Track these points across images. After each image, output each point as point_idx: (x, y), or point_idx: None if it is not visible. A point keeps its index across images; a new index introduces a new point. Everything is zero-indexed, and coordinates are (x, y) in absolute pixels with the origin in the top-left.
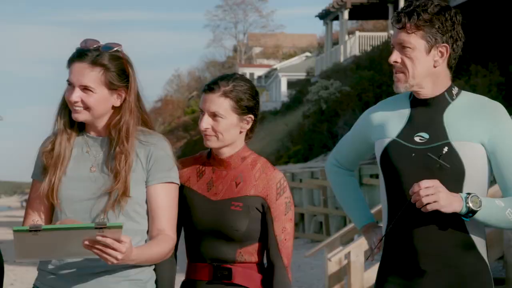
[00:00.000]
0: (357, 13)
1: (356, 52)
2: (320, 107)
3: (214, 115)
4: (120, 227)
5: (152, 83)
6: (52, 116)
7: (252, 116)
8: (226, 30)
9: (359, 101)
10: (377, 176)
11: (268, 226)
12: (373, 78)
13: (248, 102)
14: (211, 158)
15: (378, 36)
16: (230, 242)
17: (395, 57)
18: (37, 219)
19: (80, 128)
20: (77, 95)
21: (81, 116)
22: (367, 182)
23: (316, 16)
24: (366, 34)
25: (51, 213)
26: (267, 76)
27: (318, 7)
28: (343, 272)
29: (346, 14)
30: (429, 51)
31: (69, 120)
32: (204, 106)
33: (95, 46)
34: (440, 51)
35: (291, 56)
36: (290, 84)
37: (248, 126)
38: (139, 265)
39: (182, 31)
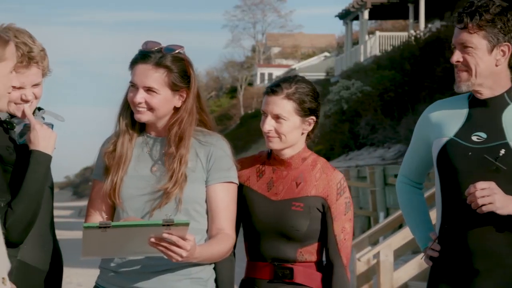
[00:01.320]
0: (377, 13)
1: (377, 52)
2: (341, 107)
3: (277, 117)
4: (187, 224)
5: None
6: (75, 116)
7: (314, 117)
8: (245, 30)
9: (380, 101)
10: None
11: (328, 225)
12: (394, 78)
13: (311, 104)
14: (272, 158)
15: (398, 36)
16: (290, 241)
17: (457, 56)
18: (99, 219)
19: (141, 128)
20: (141, 96)
21: (145, 116)
22: (393, 182)
23: (336, 16)
24: (386, 34)
25: (112, 212)
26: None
27: (337, 7)
28: (372, 272)
29: (366, 14)
30: (491, 51)
31: (131, 121)
32: (267, 108)
33: (157, 48)
34: (502, 50)
35: (309, 56)
36: None
37: (310, 128)
38: (200, 264)
39: (201, 31)
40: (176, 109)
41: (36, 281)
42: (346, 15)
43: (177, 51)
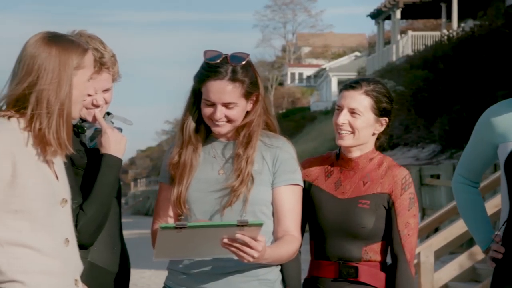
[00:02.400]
0: (409, 12)
1: (409, 51)
2: None
3: (352, 112)
4: (260, 225)
5: None
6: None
7: (387, 119)
8: (275, 30)
9: (413, 101)
10: (438, 177)
11: (392, 221)
12: (427, 77)
13: (386, 105)
14: (340, 158)
15: (431, 35)
16: (356, 240)
17: None
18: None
19: (206, 132)
20: (221, 113)
21: (224, 129)
22: (429, 182)
23: (367, 15)
24: (418, 33)
25: (179, 215)
26: (316, 76)
27: (368, 7)
28: None
29: (398, 13)
30: None
31: (195, 130)
32: (344, 102)
33: (221, 59)
34: None
35: (339, 55)
36: (340, 84)
37: (382, 129)
38: (267, 265)
39: (231, 31)
40: (247, 113)
41: (106, 282)
42: (378, 15)
43: (246, 60)
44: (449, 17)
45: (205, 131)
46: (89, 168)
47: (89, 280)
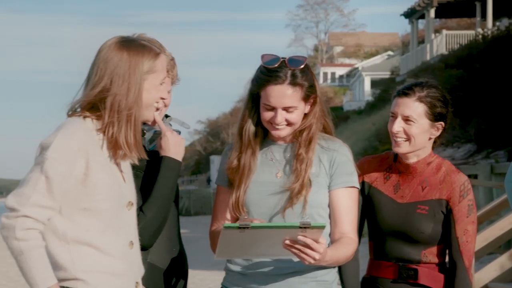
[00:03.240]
0: (443, 11)
1: (443, 50)
2: None
3: (406, 119)
4: (322, 227)
5: (234, 83)
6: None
7: (442, 123)
8: (307, 29)
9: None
10: (475, 176)
11: (451, 227)
12: (462, 76)
13: (441, 109)
14: (397, 161)
15: (465, 34)
16: (415, 243)
17: None
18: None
19: (263, 135)
20: (282, 117)
21: (284, 132)
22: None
23: (401, 15)
24: (453, 32)
25: (237, 218)
26: (348, 75)
27: (401, 6)
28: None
29: (432, 12)
30: None
31: (254, 134)
32: (398, 109)
33: (279, 62)
34: None
35: (372, 55)
36: (374, 83)
37: (438, 133)
38: (325, 267)
39: (263, 31)
40: (304, 115)
41: (164, 283)
42: (412, 14)
43: (304, 64)
44: (483, 15)
45: (262, 135)
46: (148, 170)
47: (149, 281)
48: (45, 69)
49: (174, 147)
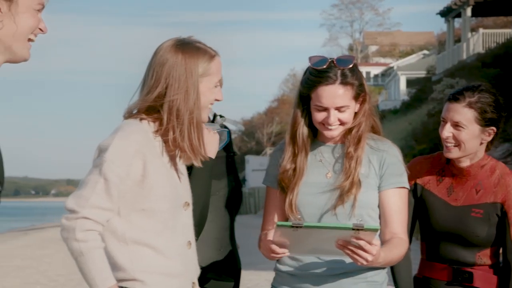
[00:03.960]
0: (479, 10)
1: (480, 49)
2: None
3: (456, 125)
4: (376, 230)
5: (268, 83)
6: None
7: (494, 128)
8: (342, 29)
9: None
10: None
11: (506, 230)
12: (499, 75)
13: (492, 115)
14: (450, 164)
15: (502, 33)
16: (469, 246)
17: None
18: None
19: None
20: (335, 117)
21: (336, 132)
22: None
23: (437, 13)
24: (489, 31)
25: (287, 218)
26: (383, 74)
27: (437, 4)
28: None
29: (468, 11)
30: None
31: (307, 136)
32: (448, 115)
33: (327, 64)
34: None
35: (407, 54)
36: (409, 83)
37: (489, 138)
38: (375, 267)
39: (298, 30)
40: (354, 114)
41: (210, 282)
42: (448, 12)
43: (353, 63)
44: None
45: (312, 136)
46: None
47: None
48: (82, 69)
49: (207, 145)
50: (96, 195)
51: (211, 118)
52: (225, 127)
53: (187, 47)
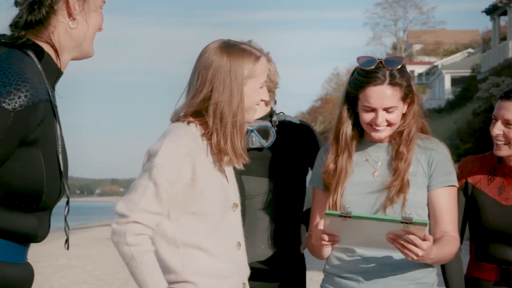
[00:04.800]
0: None
1: None
2: (491, 105)
3: (507, 123)
4: (425, 224)
5: (311, 82)
6: None
7: None
8: (386, 27)
9: None
10: None
11: None
12: None
13: None
14: (502, 163)
15: None
16: None
17: None
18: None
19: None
20: (383, 118)
21: (384, 134)
22: None
23: (482, 11)
24: None
25: None
26: (428, 73)
27: (482, 2)
28: None
29: None
30: None
31: (351, 136)
32: (499, 112)
33: (375, 64)
34: None
35: (452, 52)
36: (454, 81)
37: None
38: (425, 269)
39: (341, 30)
40: (402, 115)
41: (258, 277)
42: (494, 10)
43: (402, 64)
44: None
45: (357, 136)
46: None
47: None
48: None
49: None
50: (146, 200)
51: (269, 113)
52: (279, 124)
53: (232, 49)
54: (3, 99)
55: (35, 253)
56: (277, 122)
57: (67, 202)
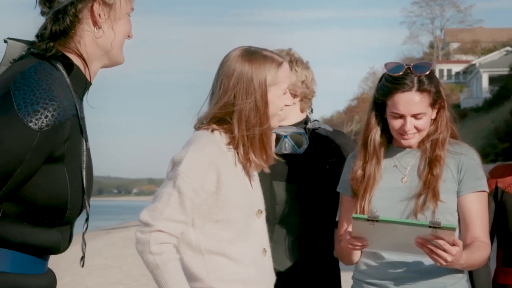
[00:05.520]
0: None
1: None
2: None
3: None
4: (453, 229)
5: (348, 81)
6: None
7: None
8: (423, 26)
9: None
10: None
11: None
12: None
13: None
14: None
15: None
16: None
17: None
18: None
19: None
20: (411, 124)
21: (414, 140)
22: None
23: None
24: None
25: None
26: (465, 72)
27: None
28: None
29: None
30: None
31: (380, 143)
32: None
33: (403, 70)
34: None
35: (490, 51)
36: (492, 80)
37: None
38: (455, 276)
39: (378, 28)
40: (431, 121)
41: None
42: None
43: (430, 69)
44: None
45: (386, 142)
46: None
47: None
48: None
49: None
50: (170, 208)
51: (304, 120)
52: (313, 131)
53: (253, 56)
54: (30, 118)
55: (72, 254)
56: (311, 130)
57: (86, 219)
